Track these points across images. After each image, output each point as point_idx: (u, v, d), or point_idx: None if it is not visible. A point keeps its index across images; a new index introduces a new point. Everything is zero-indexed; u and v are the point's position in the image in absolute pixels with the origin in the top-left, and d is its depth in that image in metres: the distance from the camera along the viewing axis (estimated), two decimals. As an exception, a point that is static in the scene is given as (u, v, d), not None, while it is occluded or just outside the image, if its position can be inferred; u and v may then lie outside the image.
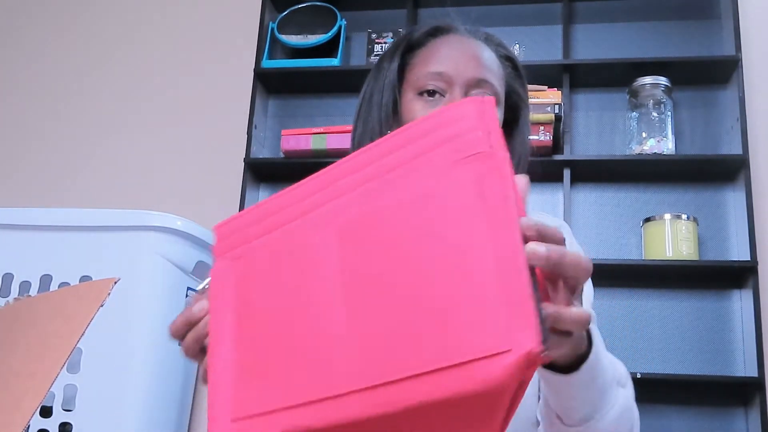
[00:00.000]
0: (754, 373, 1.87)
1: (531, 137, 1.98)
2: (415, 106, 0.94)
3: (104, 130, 2.53)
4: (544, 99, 2.10)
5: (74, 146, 2.52)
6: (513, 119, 1.01)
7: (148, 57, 2.58)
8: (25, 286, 1.85)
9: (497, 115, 0.49)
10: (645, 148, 2.09)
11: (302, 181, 0.57)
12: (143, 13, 2.64)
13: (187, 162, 2.43)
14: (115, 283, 0.66)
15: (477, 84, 0.93)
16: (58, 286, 1.82)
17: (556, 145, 2.09)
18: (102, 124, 2.53)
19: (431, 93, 0.93)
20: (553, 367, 0.62)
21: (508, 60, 1.01)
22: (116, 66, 2.59)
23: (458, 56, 0.94)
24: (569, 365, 0.61)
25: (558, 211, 2.14)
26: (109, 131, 2.52)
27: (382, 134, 0.96)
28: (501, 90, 0.96)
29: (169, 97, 2.52)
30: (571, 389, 0.63)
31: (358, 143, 1.00)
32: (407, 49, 1.00)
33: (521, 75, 1.02)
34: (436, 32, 1.00)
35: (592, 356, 0.61)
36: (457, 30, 1.00)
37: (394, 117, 0.98)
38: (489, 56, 0.97)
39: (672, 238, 1.98)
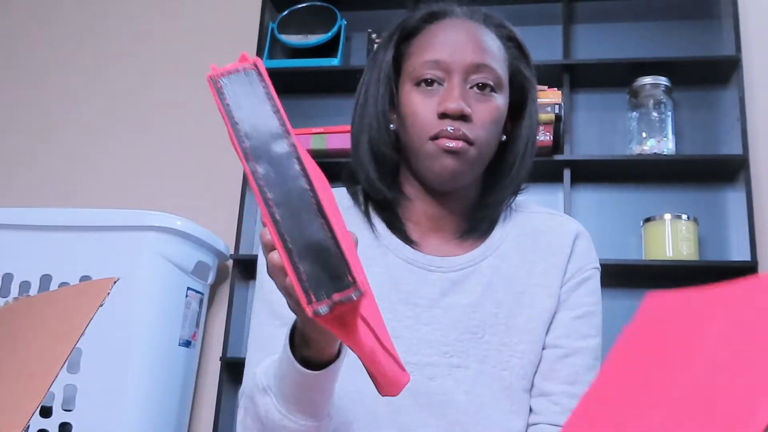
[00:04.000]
0: (754, 373, 1.87)
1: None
2: (413, 98, 0.91)
3: (104, 130, 2.53)
4: (544, 99, 2.10)
5: (74, 146, 2.52)
6: (520, 100, 0.97)
7: (148, 57, 2.58)
8: (25, 286, 1.85)
9: None
10: (645, 148, 2.09)
11: None
12: (143, 14, 2.64)
13: (187, 162, 2.43)
14: (115, 282, 0.66)
15: (476, 69, 0.90)
16: (58, 286, 1.81)
17: (556, 145, 2.09)
18: (102, 124, 2.53)
19: (429, 82, 0.90)
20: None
21: (511, 40, 0.97)
22: (116, 66, 2.59)
23: (455, 42, 0.91)
24: None
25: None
26: (109, 131, 2.52)
27: (379, 130, 0.94)
28: (503, 73, 0.93)
29: (169, 96, 2.52)
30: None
31: (355, 139, 0.97)
32: (402, 38, 0.97)
33: (526, 54, 0.98)
34: (431, 18, 0.96)
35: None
36: (453, 13, 0.96)
37: (391, 109, 0.96)
38: (488, 38, 0.93)
39: (672, 238, 1.98)
